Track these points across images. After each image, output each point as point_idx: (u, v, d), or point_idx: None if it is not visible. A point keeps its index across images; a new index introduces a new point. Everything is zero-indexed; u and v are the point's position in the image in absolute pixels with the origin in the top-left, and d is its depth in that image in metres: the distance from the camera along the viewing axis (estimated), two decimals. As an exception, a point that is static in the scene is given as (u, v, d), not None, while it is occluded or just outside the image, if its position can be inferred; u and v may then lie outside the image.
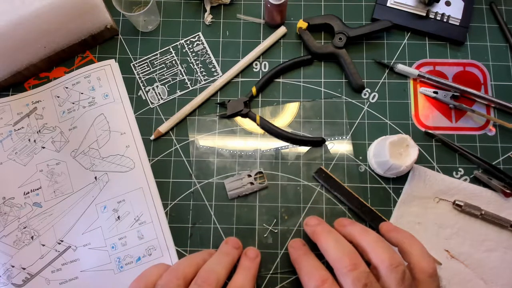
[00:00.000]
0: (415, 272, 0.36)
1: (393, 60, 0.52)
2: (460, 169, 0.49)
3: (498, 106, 0.50)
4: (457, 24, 0.52)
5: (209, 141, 0.50)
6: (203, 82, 0.52)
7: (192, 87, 0.52)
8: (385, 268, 0.34)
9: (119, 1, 0.49)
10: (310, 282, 0.37)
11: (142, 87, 0.52)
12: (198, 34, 0.54)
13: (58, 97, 0.51)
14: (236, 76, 0.52)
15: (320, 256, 0.41)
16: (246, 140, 0.50)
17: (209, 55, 0.53)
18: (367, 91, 0.52)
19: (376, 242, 0.37)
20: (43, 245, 0.47)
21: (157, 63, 0.53)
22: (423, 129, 0.50)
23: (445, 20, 0.52)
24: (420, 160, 0.49)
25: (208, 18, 0.54)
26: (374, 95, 0.51)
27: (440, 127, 0.50)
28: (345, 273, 0.34)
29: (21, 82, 0.52)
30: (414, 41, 0.53)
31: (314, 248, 0.42)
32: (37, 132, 0.50)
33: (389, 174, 0.47)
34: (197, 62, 0.53)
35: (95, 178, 0.48)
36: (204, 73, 0.53)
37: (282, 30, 0.53)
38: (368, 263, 0.37)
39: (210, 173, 0.49)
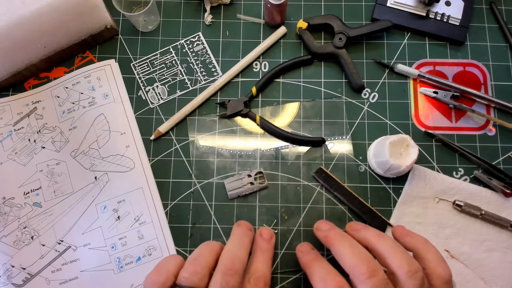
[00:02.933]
0: (432, 278, 0.35)
1: (393, 60, 0.52)
2: (460, 169, 0.49)
3: (498, 106, 0.50)
4: (457, 24, 0.52)
5: (209, 141, 0.50)
6: (203, 82, 0.52)
7: (192, 87, 0.52)
8: (404, 275, 0.34)
9: (119, 1, 0.49)
10: None
11: (142, 87, 0.52)
12: (198, 34, 0.54)
13: (58, 97, 0.51)
14: (236, 76, 0.52)
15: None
16: (246, 140, 0.50)
17: (209, 55, 0.53)
18: (367, 91, 0.52)
19: (393, 247, 0.36)
20: (43, 245, 0.47)
21: (157, 63, 0.53)
22: (423, 129, 0.50)
23: (445, 20, 0.52)
24: (420, 160, 0.49)
25: (208, 18, 0.54)
26: (374, 95, 0.51)
27: (440, 127, 0.50)
28: (363, 281, 0.33)
29: (21, 82, 0.52)
30: (414, 41, 0.53)
31: (318, 249, 0.42)
32: (37, 132, 0.50)
33: (389, 174, 0.47)
34: (197, 62, 0.53)
35: (95, 178, 0.48)
36: (204, 73, 0.53)
37: (282, 30, 0.53)
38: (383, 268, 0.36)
39: (210, 173, 0.49)
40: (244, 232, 0.40)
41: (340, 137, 0.50)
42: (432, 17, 0.52)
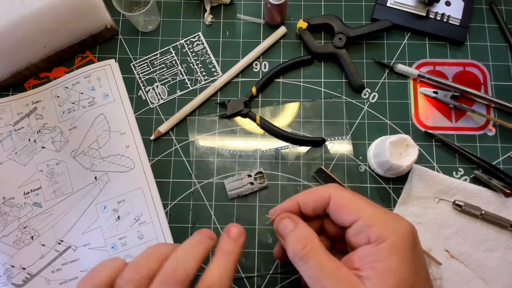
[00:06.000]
0: None
1: (393, 60, 0.52)
2: (460, 169, 0.49)
3: (498, 106, 0.50)
4: (457, 24, 0.52)
5: (209, 141, 0.50)
6: (203, 82, 0.52)
7: (192, 87, 0.52)
8: None
9: (119, 1, 0.49)
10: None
11: (142, 87, 0.52)
12: (198, 34, 0.54)
13: (58, 97, 0.51)
14: (236, 76, 0.52)
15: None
16: (246, 140, 0.50)
17: (209, 55, 0.53)
18: (367, 91, 0.52)
19: None
20: (43, 245, 0.47)
21: (157, 63, 0.53)
22: (423, 129, 0.50)
23: (445, 20, 0.52)
24: (420, 160, 0.49)
25: (208, 18, 0.54)
26: (374, 95, 0.51)
27: (440, 127, 0.50)
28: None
29: (21, 82, 0.52)
30: (414, 41, 0.53)
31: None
32: (37, 132, 0.50)
33: (389, 174, 0.47)
34: (197, 62, 0.53)
35: (95, 178, 0.48)
36: (204, 73, 0.53)
37: (282, 30, 0.53)
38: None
39: (210, 173, 0.49)
40: (201, 239, 0.33)
41: (340, 137, 0.50)
42: (432, 17, 0.52)
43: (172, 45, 0.54)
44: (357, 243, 0.31)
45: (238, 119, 0.51)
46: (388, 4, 0.53)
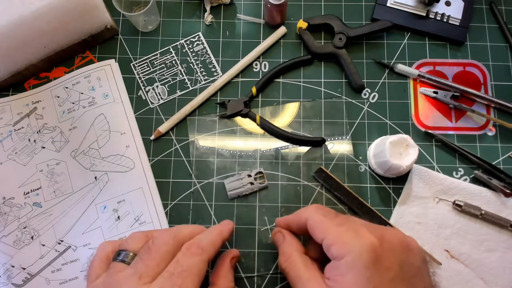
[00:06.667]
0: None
1: (393, 60, 0.52)
2: (460, 169, 0.49)
3: (498, 106, 0.50)
4: (457, 24, 0.52)
5: (209, 141, 0.50)
6: (203, 82, 0.52)
7: (192, 87, 0.52)
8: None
9: (119, 1, 0.49)
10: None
11: (142, 87, 0.52)
12: (198, 34, 0.54)
13: (58, 97, 0.51)
14: (236, 76, 0.52)
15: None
16: (246, 140, 0.50)
17: (209, 55, 0.53)
18: (367, 91, 0.52)
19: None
20: (43, 245, 0.47)
21: (157, 63, 0.53)
22: (423, 129, 0.50)
23: (445, 20, 0.52)
24: (420, 160, 0.49)
25: (208, 18, 0.54)
26: (374, 95, 0.51)
27: (440, 127, 0.50)
28: None
29: (21, 82, 0.52)
30: (414, 41, 0.53)
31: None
32: (37, 132, 0.50)
33: (389, 174, 0.47)
34: (197, 62, 0.53)
35: (95, 178, 0.48)
36: (204, 73, 0.53)
37: (282, 30, 0.53)
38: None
39: (210, 173, 0.49)
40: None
41: (340, 137, 0.50)
42: (432, 17, 0.52)
43: (172, 45, 0.54)
44: (330, 258, 0.35)
45: (238, 119, 0.51)
46: (388, 4, 0.53)
